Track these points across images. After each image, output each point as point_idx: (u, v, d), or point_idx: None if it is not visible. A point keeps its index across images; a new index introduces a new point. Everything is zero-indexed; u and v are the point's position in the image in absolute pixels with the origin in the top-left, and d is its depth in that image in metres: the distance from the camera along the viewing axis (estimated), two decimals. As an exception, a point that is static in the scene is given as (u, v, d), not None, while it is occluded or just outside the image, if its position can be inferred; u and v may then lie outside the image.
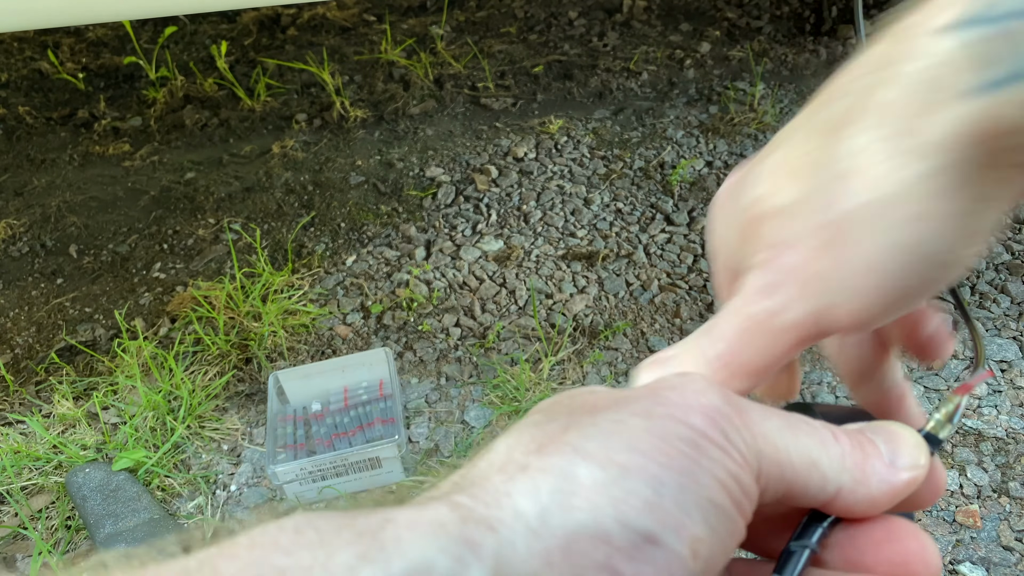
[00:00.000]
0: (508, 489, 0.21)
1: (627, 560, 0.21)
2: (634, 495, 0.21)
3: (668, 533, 0.21)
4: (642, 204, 1.74)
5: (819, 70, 2.18)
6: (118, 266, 1.71)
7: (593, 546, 0.21)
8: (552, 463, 0.22)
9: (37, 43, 2.58)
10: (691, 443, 0.22)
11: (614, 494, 0.21)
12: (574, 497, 0.21)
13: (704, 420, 0.23)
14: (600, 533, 0.21)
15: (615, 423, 0.23)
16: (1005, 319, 1.38)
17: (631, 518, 0.21)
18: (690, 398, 0.24)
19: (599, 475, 0.22)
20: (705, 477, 0.22)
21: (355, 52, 2.42)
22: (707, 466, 0.22)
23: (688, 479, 0.22)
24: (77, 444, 1.28)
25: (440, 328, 1.47)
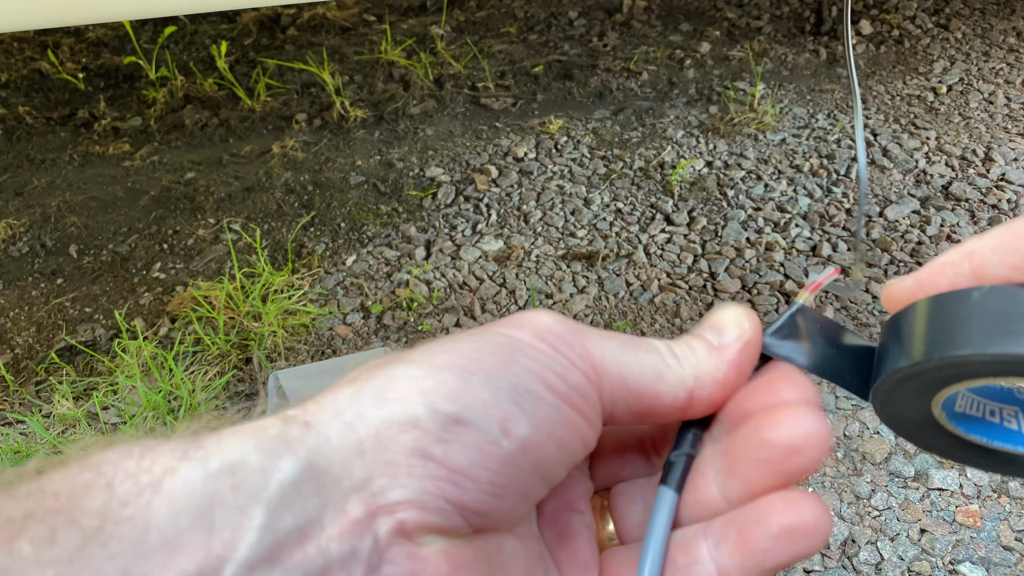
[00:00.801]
0: (334, 397, 0.23)
1: (436, 441, 0.22)
2: (443, 384, 0.23)
3: (474, 412, 0.22)
4: (642, 204, 1.74)
5: (819, 70, 2.18)
6: (118, 266, 1.71)
7: (402, 431, 0.22)
8: (378, 373, 0.23)
9: (37, 43, 2.58)
10: (509, 346, 0.24)
11: (424, 385, 0.23)
12: (388, 392, 0.23)
13: (531, 334, 0.24)
14: (409, 419, 0.22)
15: (445, 340, 0.24)
16: (1005, 319, 1.38)
17: (437, 403, 0.22)
18: (525, 320, 0.25)
19: (414, 371, 0.23)
20: (517, 368, 0.23)
21: (355, 52, 2.42)
22: (522, 362, 0.23)
23: (499, 370, 0.23)
24: (77, 444, 1.28)
25: (440, 328, 1.47)
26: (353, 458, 0.21)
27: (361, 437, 0.22)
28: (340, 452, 0.21)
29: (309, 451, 0.21)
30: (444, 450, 0.22)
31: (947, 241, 1.56)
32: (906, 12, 2.38)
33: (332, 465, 0.21)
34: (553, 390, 0.23)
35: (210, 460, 0.20)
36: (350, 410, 0.22)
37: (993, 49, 2.19)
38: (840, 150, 1.85)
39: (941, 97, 2.02)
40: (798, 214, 1.67)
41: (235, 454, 0.21)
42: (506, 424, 0.22)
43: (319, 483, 0.21)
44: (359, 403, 0.22)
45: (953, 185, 1.70)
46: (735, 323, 0.28)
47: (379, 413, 0.22)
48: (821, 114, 1.99)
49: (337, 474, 0.21)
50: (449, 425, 0.22)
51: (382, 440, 0.22)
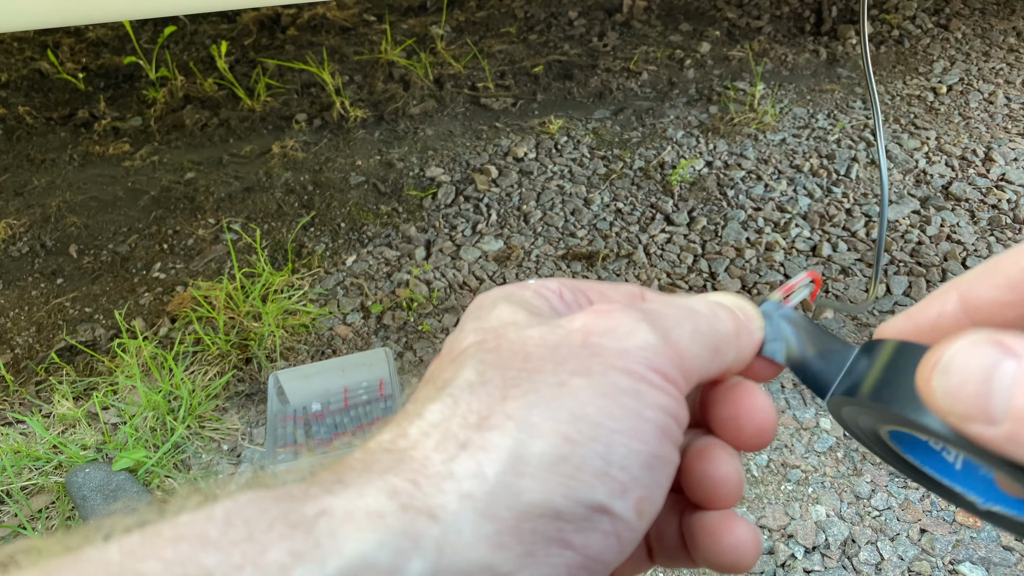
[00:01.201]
0: (450, 470, 0.20)
1: (576, 532, 0.21)
2: (583, 471, 0.21)
3: (616, 501, 0.21)
4: (642, 204, 1.74)
5: (819, 70, 2.18)
6: (118, 266, 1.71)
7: (544, 523, 0.20)
8: (494, 440, 0.21)
9: (37, 43, 2.58)
10: (633, 393, 0.22)
11: (563, 471, 0.21)
12: (522, 478, 0.20)
13: (641, 364, 0.23)
14: (551, 511, 0.20)
15: (556, 387, 0.22)
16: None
17: (581, 494, 0.21)
18: (624, 342, 0.23)
19: (546, 451, 0.21)
20: (649, 430, 0.22)
21: (355, 52, 2.42)
22: (650, 416, 0.22)
23: (634, 438, 0.22)
24: (77, 444, 1.28)
25: (440, 328, 1.47)
26: (492, 553, 0.20)
27: (500, 529, 0.20)
28: (476, 548, 0.20)
29: (439, 549, 0.19)
30: (583, 540, 0.21)
31: (947, 241, 1.56)
32: (906, 12, 2.38)
33: (468, 562, 0.19)
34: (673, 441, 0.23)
35: (328, 562, 0.18)
36: (480, 493, 0.20)
37: (993, 49, 2.19)
38: (840, 150, 1.85)
39: (941, 97, 2.02)
40: (798, 214, 1.67)
41: (355, 555, 0.18)
42: (643, 507, 0.22)
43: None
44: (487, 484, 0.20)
45: (953, 185, 1.70)
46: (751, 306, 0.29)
47: (517, 503, 0.20)
48: (821, 114, 1.99)
49: (475, 572, 0.19)
50: (591, 515, 0.21)
51: (522, 533, 0.20)
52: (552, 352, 0.23)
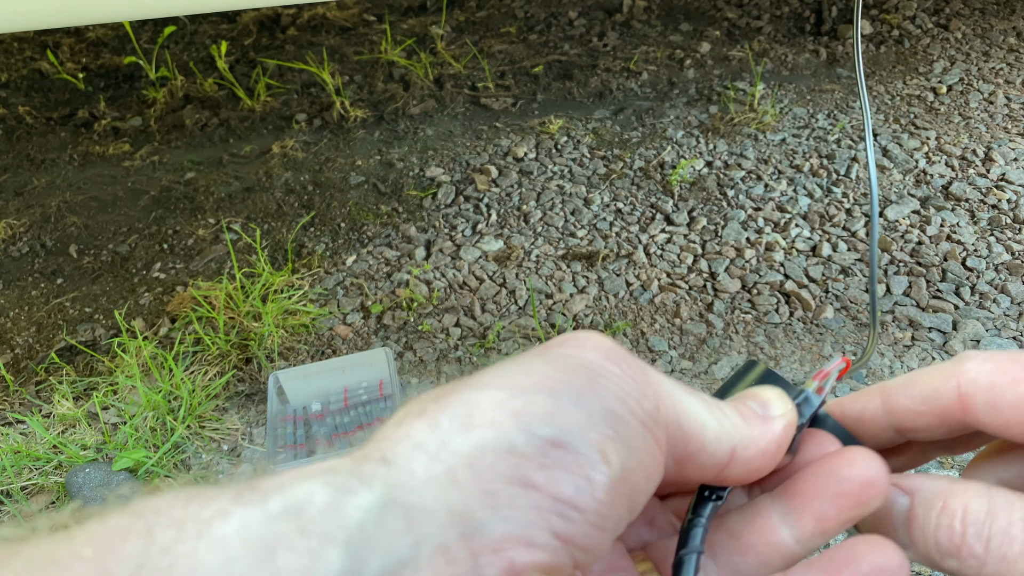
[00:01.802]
0: (406, 431, 0.21)
1: (538, 468, 0.20)
2: (534, 404, 0.21)
3: (573, 436, 0.21)
4: (642, 204, 1.74)
5: (819, 70, 2.18)
6: (118, 266, 1.71)
7: (499, 459, 0.20)
8: (450, 400, 0.21)
9: (37, 43, 2.58)
10: (586, 367, 0.23)
11: (514, 407, 0.21)
12: (473, 417, 0.20)
13: (597, 354, 0.23)
14: (504, 445, 0.20)
15: (511, 362, 0.23)
16: (1005, 319, 1.38)
17: (533, 425, 0.20)
18: (582, 340, 0.24)
19: (497, 395, 0.21)
20: (602, 390, 0.22)
21: (355, 52, 2.42)
22: (604, 383, 0.22)
23: (586, 390, 0.22)
24: (77, 444, 1.28)
25: (440, 328, 1.47)
26: (446, 489, 0.19)
27: (451, 467, 0.20)
28: (429, 484, 0.19)
29: (391, 485, 0.19)
30: (547, 477, 0.20)
31: (947, 241, 1.56)
32: (906, 12, 2.38)
33: (422, 499, 0.19)
34: (635, 415, 0.22)
35: (269, 501, 0.18)
36: (432, 441, 0.20)
37: (993, 49, 2.19)
38: (840, 150, 1.85)
39: (941, 97, 2.02)
40: (798, 214, 1.67)
41: (299, 494, 0.18)
42: (605, 448, 0.21)
43: (408, 518, 0.19)
44: (440, 432, 0.20)
45: (953, 185, 1.70)
46: (779, 400, 0.28)
47: (468, 440, 0.20)
48: (821, 114, 1.99)
49: (429, 507, 0.19)
50: (549, 449, 0.20)
51: (477, 469, 0.20)
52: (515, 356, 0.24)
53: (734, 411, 0.26)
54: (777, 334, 1.40)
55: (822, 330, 1.40)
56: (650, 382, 0.24)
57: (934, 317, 1.40)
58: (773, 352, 1.36)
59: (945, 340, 1.35)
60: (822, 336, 1.39)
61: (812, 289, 1.48)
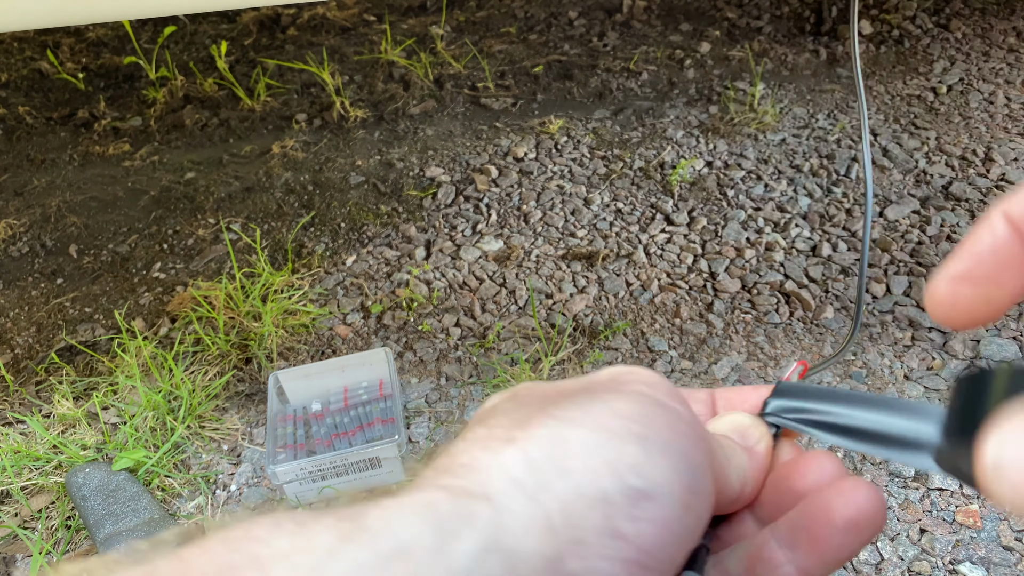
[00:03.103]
0: (499, 461, 0.21)
1: (627, 519, 0.21)
2: (626, 455, 0.21)
3: (661, 488, 0.21)
4: (642, 204, 1.74)
5: (819, 70, 2.18)
6: (118, 266, 1.71)
7: (591, 507, 0.20)
8: (539, 433, 0.22)
9: (37, 43, 2.58)
10: (663, 407, 0.23)
11: (607, 455, 0.21)
12: (568, 460, 0.21)
13: (667, 394, 0.24)
14: (598, 493, 0.21)
15: (591, 397, 0.23)
16: (1005, 319, 1.38)
17: (626, 477, 0.21)
18: (646, 377, 0.25)
19: (590, 438, 0.21)
20: (681, 437, 0.23)
21: (355, 52, 2.42)
22: (681, 428, 0.23)
23: (670, 437, 0.22)
24: (77, 444, 1.28)
25: (440, 328, 1.47)
26: (542, 535, 0.19)
27: (549, 511, 0.20)
28: (529, 528, 0.20)
29: (493, 526, 0.19)
30: (635, 529, 0.21)
31: (947, 241, 1.56)
32: (906, 12, 2.38)
33: (520, 543, 0.19)
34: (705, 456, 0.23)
35: (378, 541, 0.18)
36: (529, 480, 0.20)
37: (993, 49, 2.19)
38: (840, 150, 1.85)
39: (941, 97, 2.02)
40: (798, 214, 1.67)
41: (405, 534, 0.19)
42: (688, 500, 0.22)
43: (508, 563, 0.19)
44: (536, 470, 0.21)
45: (953, 185, 1.70)
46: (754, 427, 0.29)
47: (564, 484, 0.20)
48: (821, 114, 1.99)
49: (527, 554, 0.19)
50: (638, 501, 0.21)
51: (571, 517, 0.20)
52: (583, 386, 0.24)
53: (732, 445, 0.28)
54: (777, 334, 1.40)
55: (822, 330, 1.40)
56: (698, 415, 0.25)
57: (934, 317, 1.40)
58: (773, 352, 1.36)
59: (945, 340, 1.35)
60: (822, 336, 1.39)
61: (812, 289, 1.48)
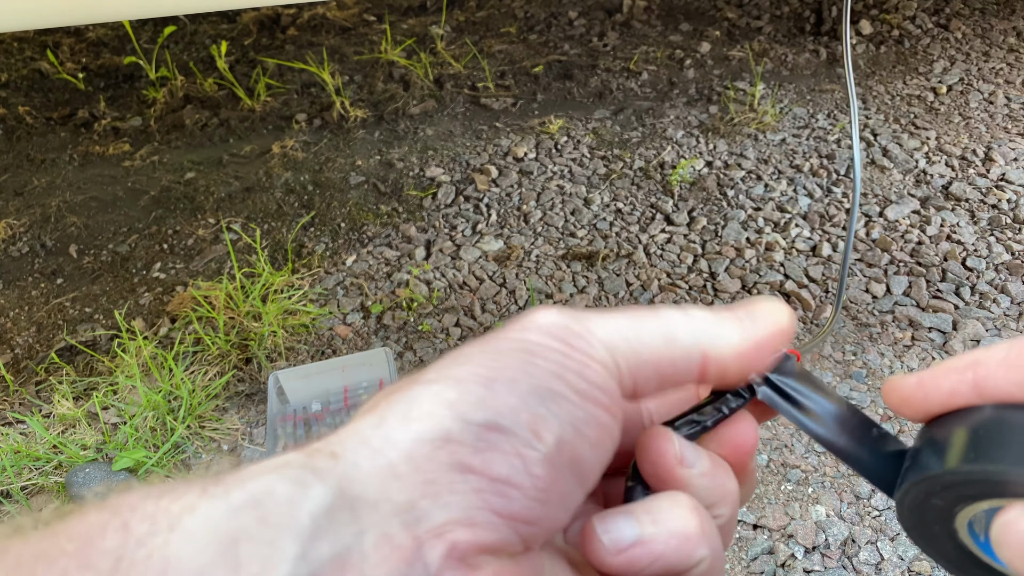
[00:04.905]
0: (355, 427, 0.22)
1: (473, 452, 0.21)
2: (467, 393, 0.22)
3: (504, 418, 0.22)
4: (642, 204, 1.74)
5: (819, 70, 2.18)
6: (118, 266, 1.71)
7: (436, 448, 0.21)
8: (397, 397, 0.23)
9: (37, 43, 2.58)
10: (523, 350, 0.23)
11: (448, 397, 0.22)
12: (412, 411, 0.22)
13: (538, 333, 0.24)
14: (441, 433, 0.21)
15: (455, 354, 0.24)
16: (1005, 319, 1.38)
17: (466, 413, 0.22)
18: (526, 322, 0.25)
19: (435, 388, 0.22)
20: (536, 370, 0.23)
21: (355, 52, 2.42)
22: (538, 363, 0.23)
23: (519, 374, 0.23)
24: (77, 444, 1.28)
25: (440, 328, 1.47)
26: (388, 482, 0.21)
27: (392, 460, 0.21)
28: (372, 477, 0.21)
29: (339, 478, 0.20)
30: (482, 460, 0.21)
31: (947, 241, 1.56)
32: (906, 12, 2.38)
33: (366, 491, 0.20)
34: (575, 389, 0.23)
35: (232, 495, 0.20)
36: (376, 436, 0.21)
37: (993, 49, 2.19)
38: (840, 150, 1.85)
39: (941, 97, 2.02)
40: (798, 214, 1.67)
41: (259, 487, 0.20)
42: (536, 427, 0.22)
43: (354, 510, 0.20)
44: (384, 428, 0.22)
45: (953, 185, 1.70)
46: (770, 312, 0.28)
47: (407, 433, 0.21)
48: (821, 114, 1.99)
49: (373, 499, 0.20)
50: (483, 434, 0.21)
51: (416, 460, 0.21)
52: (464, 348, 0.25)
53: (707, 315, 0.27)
54: (777, 334, 1.40)
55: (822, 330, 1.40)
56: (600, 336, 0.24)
57: (934, 317, 1.40)
58: (773, 352, 1.36)
59: (945, 340, 1.35)
60: (822, 336, 1.39)
61: (812, 289, 1.48)
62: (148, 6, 1.20)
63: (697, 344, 0.26)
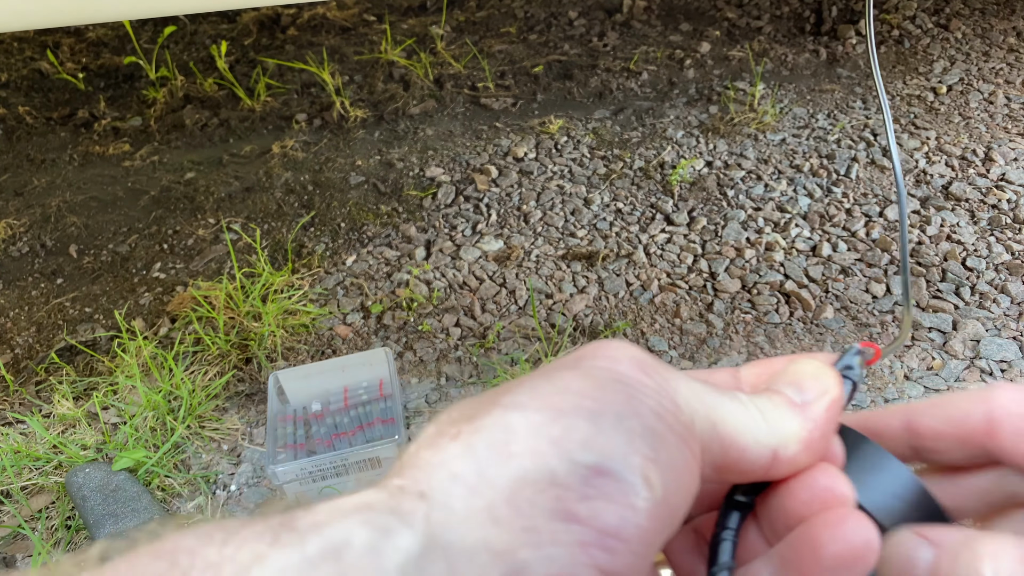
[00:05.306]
0: (441, 459, 0.20)
1: (580, 499, 0.19)
2: (574, 430, 0.20)
3: (615, 462, 0.20)
4: (642, 204, 1.74)
5: (819, 70, 2.18)
6: (118, 266, 1.71)
7: (540, 491, 0.19)
8: (485, 423, 0.20)
9: (37, 43, 2.58)
10: (622, 382, 0.22)
11: (552, 433, 0.20)
12: (511, 445, 0.20)
13: (631, 366, 0.22)
14: (545, 475, 0.19)
15: (543, 378, 0.22)
16: (1005, 319, 1.38)
17: (574, 453, 0.19)
18: (613, 351, 0.23)
19: (535, 418, 0.20)
20: (641, 407, 0.21)
21: (355, 52, 2.42)
22: (641, 399, 0.21)
23: (625, 409, 0.21)
24: (77, 444, 1.28)
25: (440, 328, 1.47)
26: (486, 527, 0.18)
27: (491, 502, 0.19)
28: (468, 521, 0.18)
29: (429, 523, 0.18)
30: (589, 509, 0.19)
31: (947, 241, 1.56)
32: (906, 12, 2.38)
33: (462, 538, 0.18)
34: (674, 431, 0.21)
35: (307, 543, 0.17)
36: (469, 471, 0.19)
37: (993, 49, 2.19)
38: (840, 150, 1.85)
39: (941, 97, 2.02)
40: (798, 214, 1.67)
41: (338, 535, 0.18)
42: (648, 472, 0.20)
43: (448, 560, 0.18)
44: (477, 461, 0.19)
45: (953, 185, 1.70)
46: (815, 378, 0.26)
47: (507, 471, 0.19)
48: (821, 114, 1.99)
49: (470, 547, 0.18)
50: (591, 478, 0.19)
51: (517, 504, 0.19)
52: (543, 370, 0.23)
53: (771, 404, 0.25)
54: (777, 334, 1.40)
55: (822, 330, 1.40)
56: (683, 391, 0.23)
57: (934, 317, 1.40)
58: (773, 352, 1.36)
59: (945, 340, 1.35)
60: (822, 336, 1.39)
61: (812, 289, 1.48)
62: (148, 6, 1.20)
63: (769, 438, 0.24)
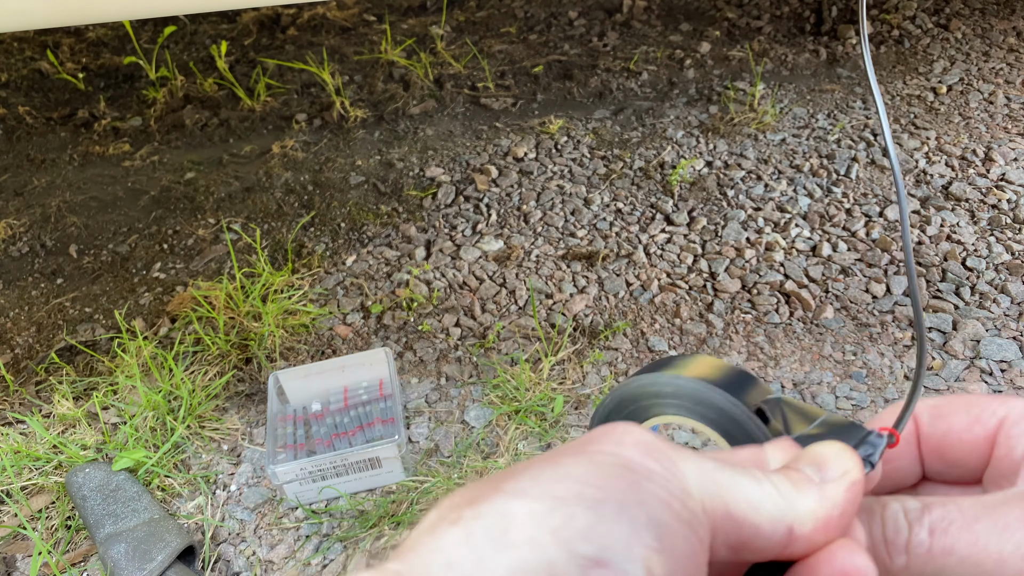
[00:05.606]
0: (439, 545, 0.20)
1: None
2: (574, 519, 0.20)
3: (616, 553, 0.19)
4: (642, 204, 1.74)
5: (819, 70, 2.18)
6: (118, 266, 1.71)
7: None
8: (484, 509, 0.20)
9: (37, 43, 2.58)
10: (627, 468, 0.21)
11: (552, 523, 0.19)
12: (510, 534, 0.19)
13: (638, 452, 0.22)
14: (544, 565, 0.19)
15: (547, 463, 0.22)
16: (1005, 319, 1.38)
17: (574, 544, 0.19)
18: (619, 436, 0.23)
19: (535, 507, 0.20)
20: (646, 495, 0.21)
21: (355, 52, 2.42)
22: (646, 487, 0.21)
23: (628, 498, 0.21)
24: (77, 444, 1.28)
25: (440, 328, 1.47)
26: None
27: None
28: None
29: None
30: None
31: (947, 241, 1.56)
32: (906, 12, 2.38)
33: None
34: (680, 519, 0.21)
35: None
36: (467, 561, 0.19)
37: (993, 49, 2.19)
38: (840, 150, 1.85)
39: (941, 97, 2.02)
40: (798, 214, 1.67)
41: None
42: (650, 564, 0.20)
43: None
44: (474, 548, 0.19)
45: (953, 185, 1.70)
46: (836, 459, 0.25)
47: (504, 560, 0.19)
48: (821, 114, 1.99)
49: None
50: (590, 570, 0.19)
51: None
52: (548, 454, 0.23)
53: (788, 481, 0.24)
54: (777, 334, 1.40)
55: (822, 330, 1.40)
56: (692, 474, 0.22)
57: (934, 317, 1.40)
58: (773, 352, 1.36)
59: (945, 340, 1.35)
60: (822, 336, 1.39)
61: (812, 289, 1.48)
62: (148, 6, 1.20)
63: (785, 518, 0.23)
